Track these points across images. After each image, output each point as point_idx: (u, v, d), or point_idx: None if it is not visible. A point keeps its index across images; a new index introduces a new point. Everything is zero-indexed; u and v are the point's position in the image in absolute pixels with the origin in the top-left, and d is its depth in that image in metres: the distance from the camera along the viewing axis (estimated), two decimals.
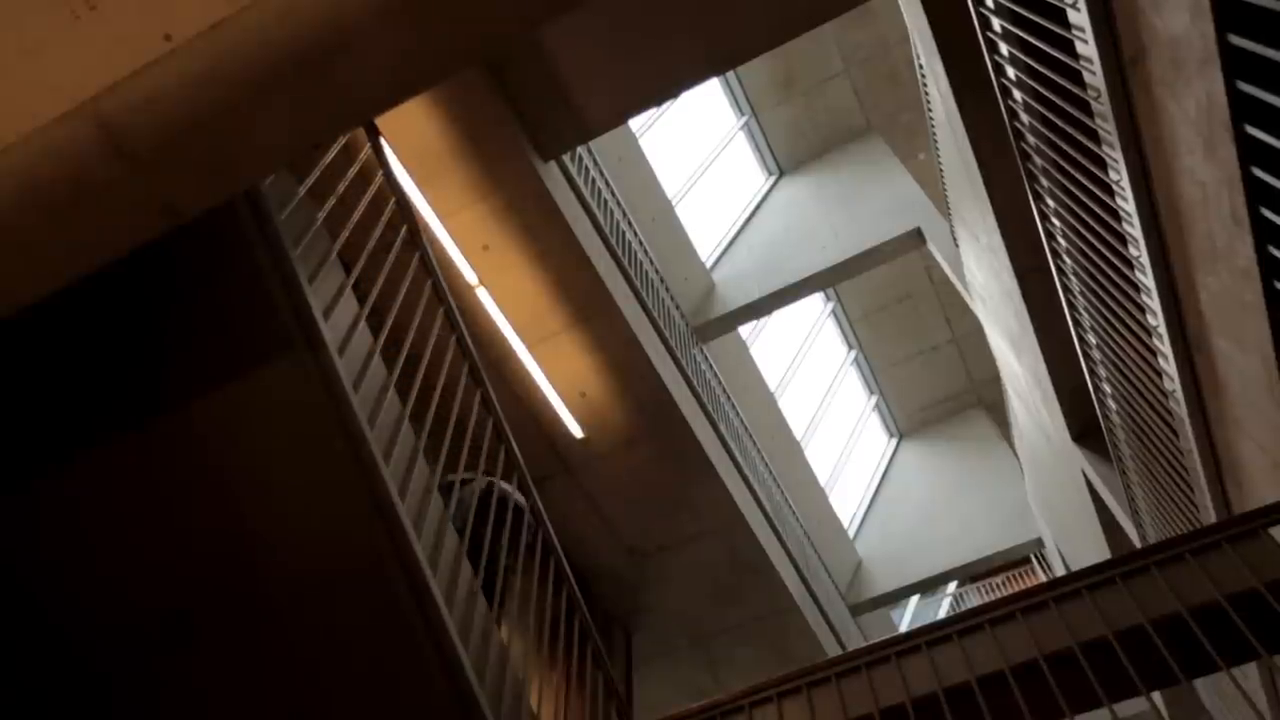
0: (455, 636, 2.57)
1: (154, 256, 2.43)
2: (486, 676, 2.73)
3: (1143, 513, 5.22)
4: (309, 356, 2.46)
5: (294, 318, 2.48)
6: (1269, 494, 2.99)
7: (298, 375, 2.44)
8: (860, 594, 11.47)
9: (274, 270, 2.47)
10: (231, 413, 2.45)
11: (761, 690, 3.31)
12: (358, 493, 2.49)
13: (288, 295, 2.49)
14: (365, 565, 2.48)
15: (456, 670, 2.55)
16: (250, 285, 2.42)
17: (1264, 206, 2.24)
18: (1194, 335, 3.04)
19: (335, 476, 2.48)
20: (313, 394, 2.45)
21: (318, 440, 2.46)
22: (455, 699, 2.54)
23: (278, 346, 2.42)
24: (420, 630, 2.53)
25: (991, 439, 12.78)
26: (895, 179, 9.92)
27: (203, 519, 2.50)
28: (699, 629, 8.18)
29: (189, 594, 2.53)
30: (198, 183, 2.01)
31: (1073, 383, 5.77)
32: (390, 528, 2.51)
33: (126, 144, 1.87)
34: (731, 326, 9.68)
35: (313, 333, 2.48)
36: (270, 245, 2.49)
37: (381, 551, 2.48)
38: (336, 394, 2.47)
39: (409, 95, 1.95)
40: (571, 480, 6.96)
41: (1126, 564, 3.03)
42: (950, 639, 3.08)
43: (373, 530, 2.51)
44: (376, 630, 2.50)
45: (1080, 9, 2.66)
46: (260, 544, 2.51)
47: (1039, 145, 3.78)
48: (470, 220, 5.58)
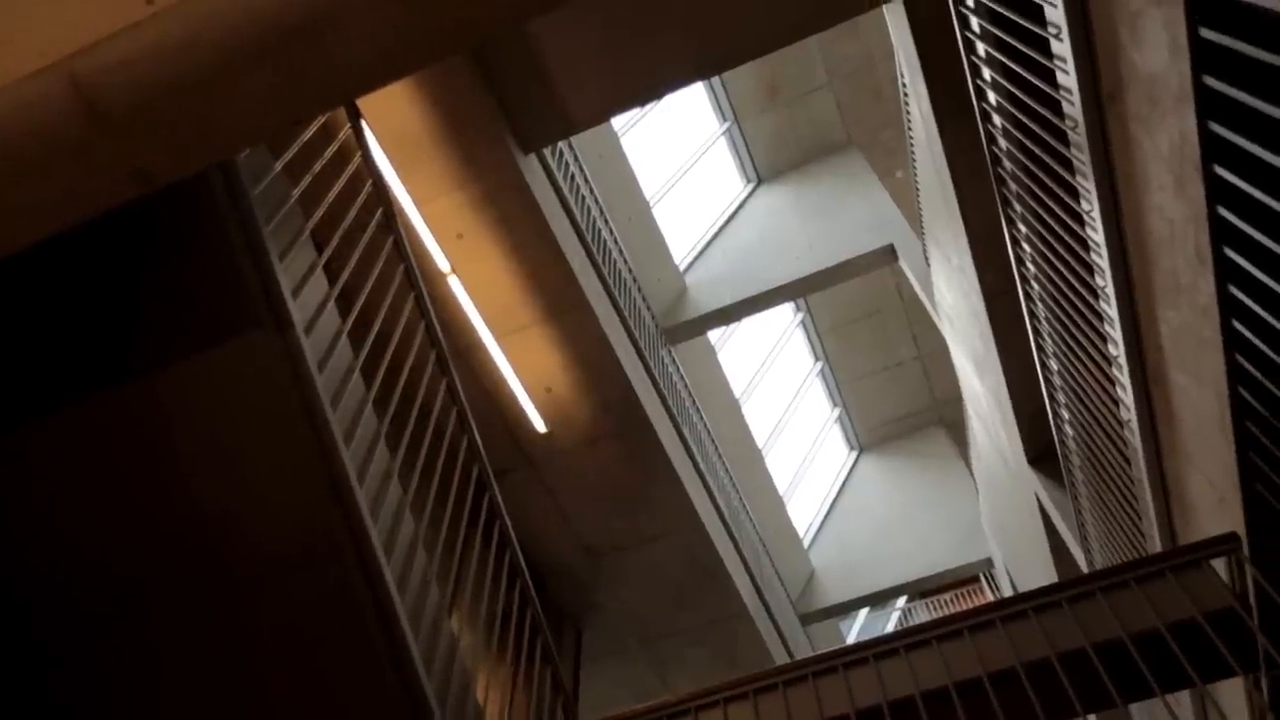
0: (406, 624, 2.55)
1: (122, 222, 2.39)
2: (435, 666, 2.72)
3: (1091, 538, 5.31)
4: (275, 334, 2.43)
5: (262, 294, 2.45)
6: (1213, 527, 3.06)
7: (263, 352, 2.41)
8: (811, 604, 11.56)
9: (245, 245, 2.44)
10: (193, 385, 2.42)
11: (709, 695, 3.33)
12: (316, 474, 2.46)
13: (257, 271, 2.45)
14: (320, 547, 2.46)
15: (405, 659, 2.53)
16: (219, 259, 2.38)
17: (1228, 246, 2.29)
18: (1153, 367, 3.11)
19: (294, 457, 2.45)
20: (277, 372, 2.42)
21: (279, 419, 2.43)
22: (402, 687, 2.53)
23: (244, 322, 2.39)
24: (371, 616, 2.51)
25: (949, 457, 12.94)
26: (872, 195, 10.02)
27: (157, 491, 2.46)
28: (649, 630, 8.20)
29: (142, 565, 2.48)
30: (172, 150, 1.98)
31: (1032, 407, 5.86)
32: (347, 511, 2.49)
33: (100, 105, 1.84)
34: (701, 330, 9.71)
35: (280, 311, 2.45)
36: (242, 219, 2.45)
37: (337, 534, 2.46)
38: (301, 374, 2.45)
39: (396, 76, 1.94)
40: (532, 475, 6.94)
41: (1073, 588, 3.09)
42: (898, 653, 3.12)
43: (329, 513, 2.48)
44: (327, 613, 2.48)
45: (1063, 40, 2.70)
46: (215, 519, 2.47)
47: (1015, 171, 3.84)
48: (446, 207, 5.54)
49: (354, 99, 2.71)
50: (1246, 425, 2.58)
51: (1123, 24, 2.43)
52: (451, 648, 2.93)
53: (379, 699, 2.52)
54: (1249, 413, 2.54)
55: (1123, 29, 2.44)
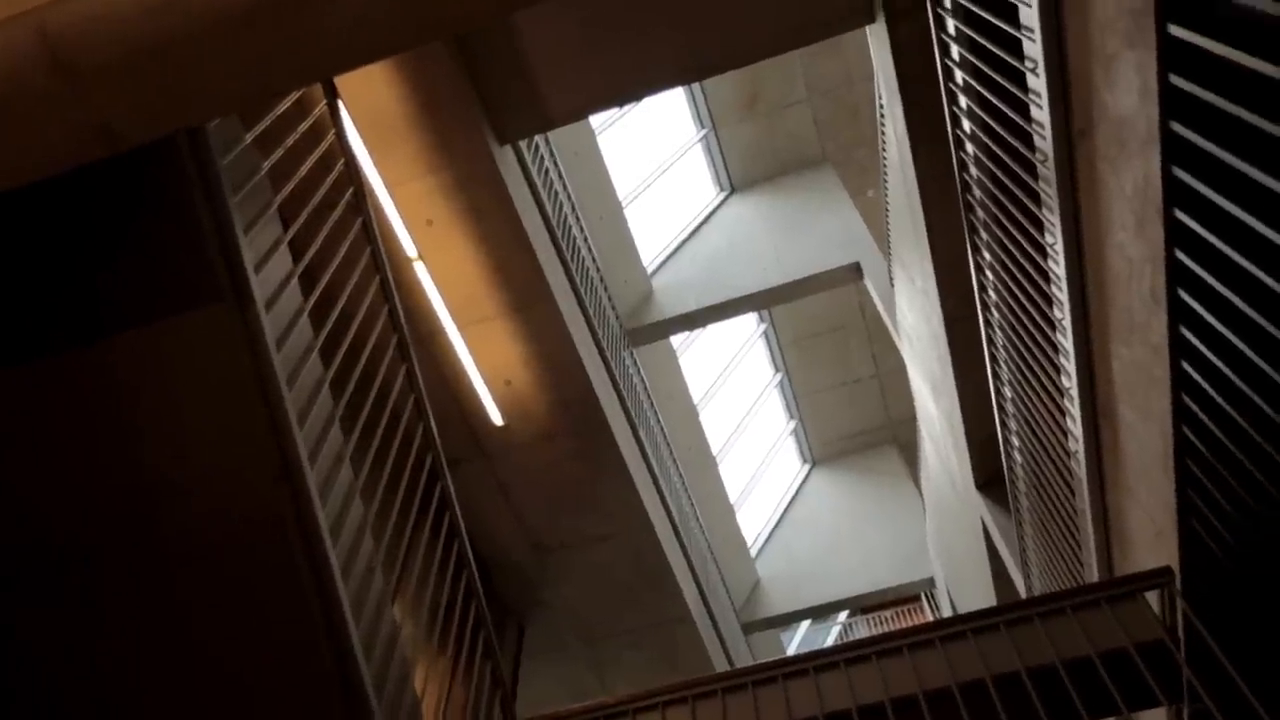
0: (348, 609, 2.52)
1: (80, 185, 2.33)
2: (374, 653, 2.69)
3: (1032, 565, 5.42)
4: (235, 308, 2.38)
5: (224, 267, 2.40)
6: (1149, 560, 3.14)
7: (221, 326, 2.36)
8: (754, 613, 11.64)
9: (209, 215, 2.39)
10: (148, 354, 2.37)
11: (647, 697, 3.34)
12: (267, 452, 2.42)
13: (220, 243, 2.41)
14: (265, 526, 2.42)
15: (344, 644, 2.50)
16: (182, 228, 2.33)
17: (1182, 288, 2.36)
18: (1102, 401, 3.18)
19: (246, 433, 2.41)
20: (234, 347, 2.38)
21: (233, 394, 2.39)
22: (339, 672, 2.50)
23: (204, 294, 2.34)
24: (312, 598, 2.48)
25: (899, 477, 13.11)
26: (842, 212, 10.12)
27: (105, 459, 2.41)
28: (592, 630, 8.19)
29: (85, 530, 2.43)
30: (141, 111, 1.94)
31: (984, 432, 5.97)
32: (295, 491, 2.45)
33: (67, 57, 1.80)
34: (665, 334, 9.73)
35: (242, 285, 2.41)
36: (208, 189, 2.40)
37: (284, 515, 2.42)
38: (258, 350, 2.41)
39: (380, 56, 1.91)
40: (485, 467, 6.90)
41: (1012, 612, 3.15)
42: (838, 666, 3.16)
43: (277, 491, 2.44)
44: (269, 592, 2.44)
45: (1039, 75, 2.76)
46: (161, 490, 2.42)
47: (983, 199, 3.91)
48: (417, 192, 5.49)
49: (334, 75, 2.68)
50: (1187, 463, 2.66)
51: (1097, 65, 2.48)
52: (392, 636, 2.90)
53: (315, 682, 2.49)
54: (1191, 452, 2.61)
55: (1097, 69, 2.49)
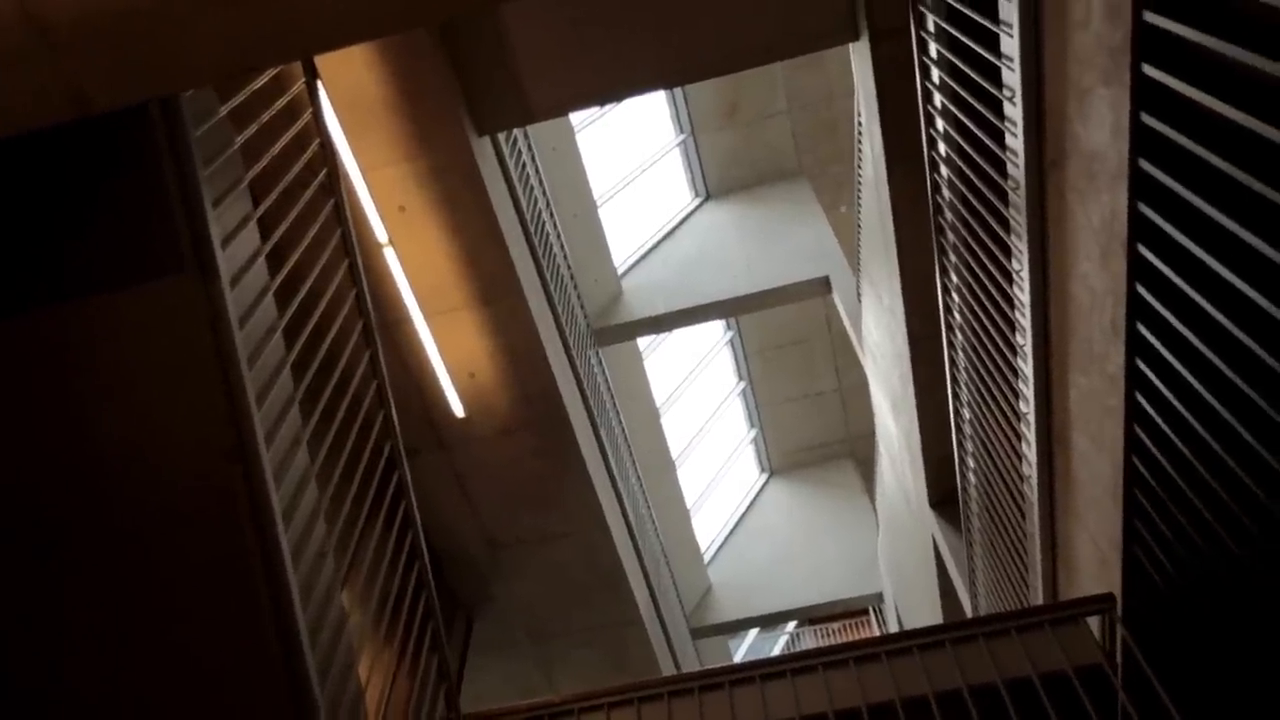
0: (295, 594, 2.49)
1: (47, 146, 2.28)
2: (320, 640, 2.66)
3: (979, 584, 5.50)
4: (198, 282, 2.34)
5: (190, 240, 2.36)
6: (1093, 586, 3.21)
7: (183, 299, 2.32)
8: (704, 618, 11.68)
9: (177, 186, 2.35)
10: (104, 323, 2.32)
11: (594, 697, 3.34)
12: (222, 431, 2.38)
13: (188, 215, 2.37)
14: (217, 506, 2.38)
15: (290, 629, 2.47)
16: (149, 198, 2.29)
17: (1140, 322, 2.41)
18: (1058, 428, 3.24)
19: (202, 411, 2.37)
20: (195, 322, 2.34)
21: (191, 370, 2.35)
22: (284, 656, 2.46)
23: (167, 266, 2.30)
24: (261, 581, 2.44)
25: (855, 491, 13.24)
26: (814, 225, 10.21)
27: (52, 429, 2.35)
28: (541, 628, 8.17)
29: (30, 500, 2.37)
30: (114, 76, 1.90)
31: (940, 451, 6.05)
32: (249, 472, 2.42)
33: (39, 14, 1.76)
34: (632, 335, 9.74)
35: (207, 259, 2.37)
36: (178, 160, 2.36)
37: (236, 495, 2.38)
38: (220, 327, 2.37)
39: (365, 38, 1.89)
40: (443, 458, 6.85)
41: (957, 630, 3.20)
42: (784, 675, 3.19)
43: (230, 473, 2.41)
44: (217, 573, 2.40)
45: (1017, 104, 2.80)
46: (110, 463, 2.37)
47: (954, 222, 3.96)
48: (391, 178, 5.44)
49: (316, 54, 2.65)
50: (1135, 494, 2.71)
51: (1073, 98, 2.53)
52: (340, 623, 2.87)
53: (259, 665, 2.45)
54: (1139, 482, 2.67)
55: (1072, 103, 2.54)
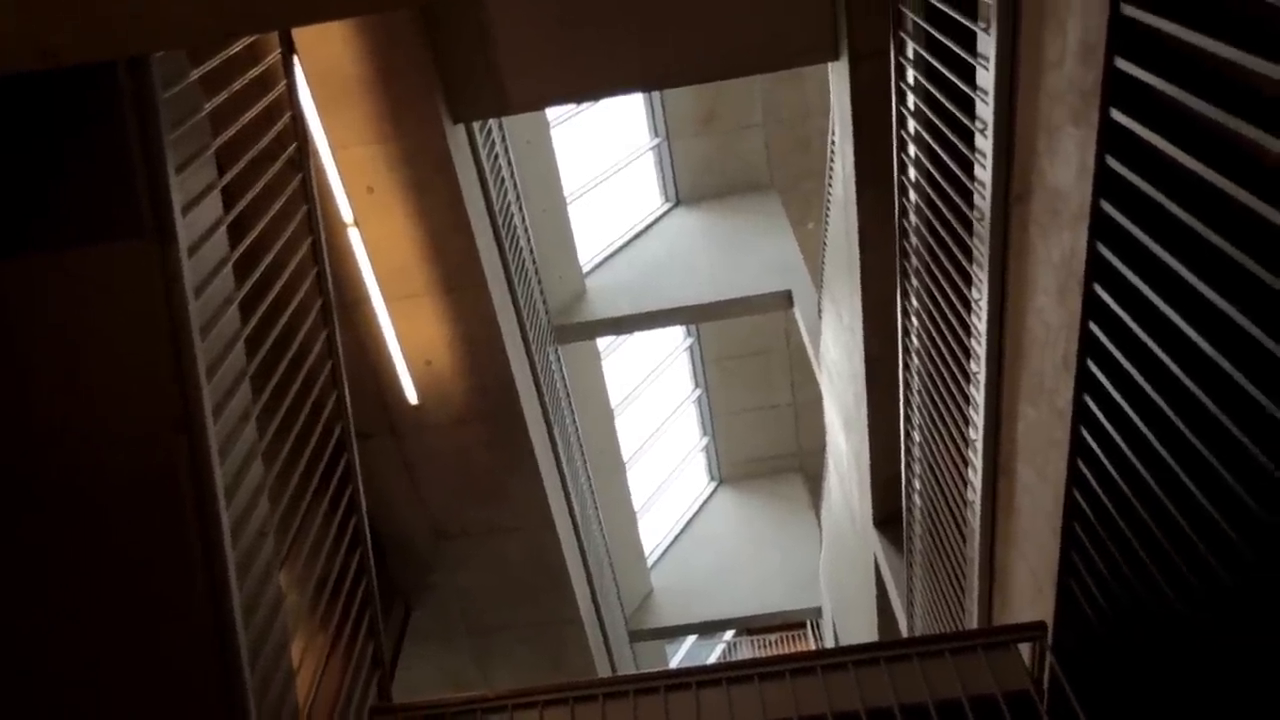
0: (232, 571, 2.45)
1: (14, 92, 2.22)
2: (255, 620, 2.62)
3: (916, 605, 5.58)
4: (156, 247, 2.29)
5: (150, 204, 2.31)
6: (1027, 614, 3.27)
7: (138, 264, 2.27)
8: (643, 622, 11.70)
9: (141, 149, 2.30)
10: (54, 282, 2.26)
11: (528, 695, 3.33)
12: (169, 401, 2.33)
13: (150, 178, 2.31)
14: (157, 476, 2.33)
15: (225, 606, 2.43)
16: (111, 157, 2.24)
17: (1091, 359, 2.47)
18: (1004, 458, 3.30)
19: (149, 379, 2.32)
20: (149, 287, 2.29)
21: (141, 336, 2.30)
22: (216, 633, 2.42)
23: (125, 228, 2.25)
24: (197, 556, 2.40)
25: (801, 505, 13.36)
26: (781, 240, 10.29)
27: None
28: (480, 621, 8.12)
29: None
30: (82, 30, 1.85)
31: (888, 472, 6.13)
32: (194, 445, 2.37)
33: None
34: (592, 335, 9.73)
35: (167, 224, 2.32)
36: (143, 121, 2.31)
37: (178, 467, 2.34)
38: (175, 294, 2.32)
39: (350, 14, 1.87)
40: (393, 444, 6.78)
41: (893, 649, 3.24)
42: (720, 684, 3.20)
43: (174, 443, 2.36)
44: (153, 546, 2.35)
45: (988, 136, 2.85)
46: (50, 426, 2.31)
47: (919, 246, 4.02)
48: (361, 158, 5.38)
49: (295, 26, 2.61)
50: (1074, 527, 2.78)
51: (1042, 135, 2.58)
52: (276, 603, 2.82)
53: (190, 640, 2.40)
54: (1079, 515, 2.73)
55: (1041, 139, 2.59)
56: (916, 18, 3.57)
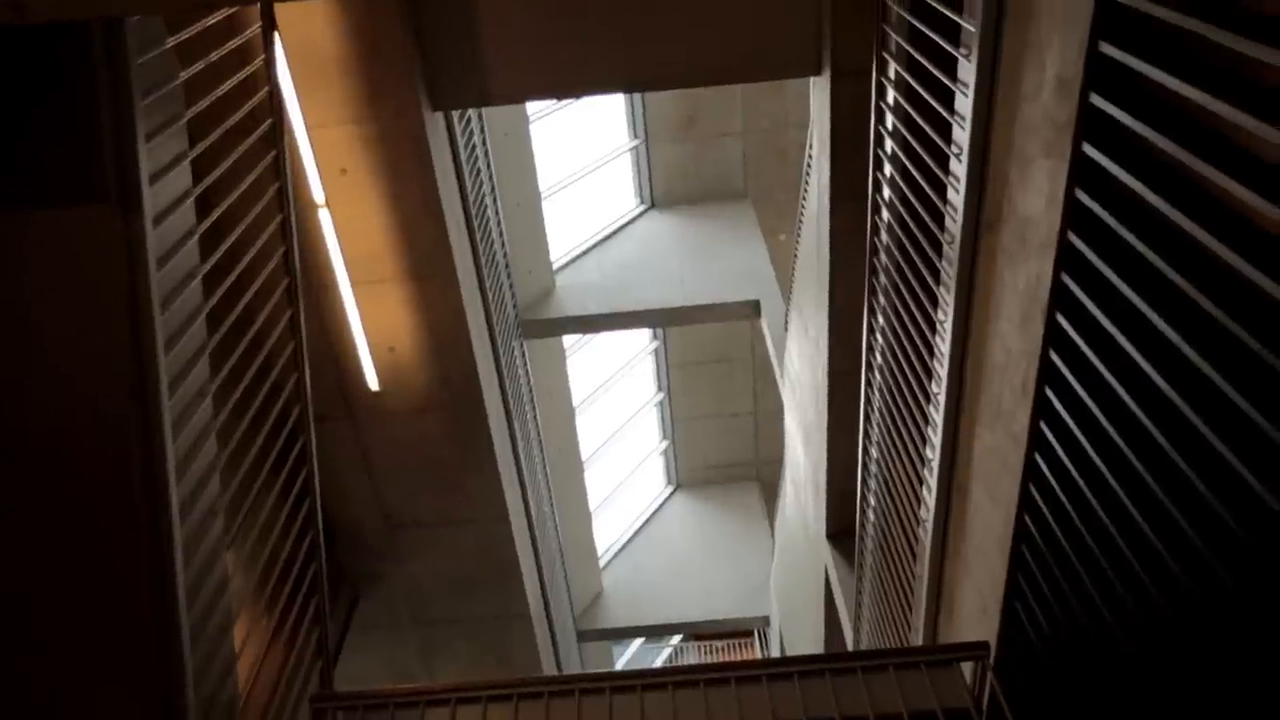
0: (178, 550, 2.41)
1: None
2: (198, 600, 2.57)
3: (864, 619, 5.63)
4: (119, 215, 2.25)
5: (117, 170, 2.27)
6: (972, 633, 3.32)
7: (101, 230, 2.22)
8: (592, 621, 11.68)
9: (111, 114, 2.25)
10: (13, 242, 2.21)
11: (472, 689, 3.31)
12: (124, 373, 2.29)
13: (117, 145, 2.27)
14: (108, 449, 2.28)
15: (168, 585, 2.39)
16: (80, 121, 2.19)
17: (1049, 386, 2.51)
18: (959, 478, 3.34)
19: (105, 350, 2.27)
20: (111, 255, 2.25)
21: (100, 305, 2.25)
22: (158, 614, 2.38)
23: (89, 193, 2.20)
24: (143, 532, 2.35)
25: (756, 514, 13.43)
26: (752, 249, 10.34)
27: None
28: (427, 613, 8.05)
29: None
30: None
31: (844, 486, 6.18)
32: (147, 419, 2.33)
33: None
34: (559, 332, 9.71)
35: (132, 192, 2.28)
36: (115, 86, 2.27)
37: (130, 441, 2.29)
38: (137, 264, 2.28)
39: None
40: (350, 429, 6.71)
41: (838, 661, 3.27)
42: (665, 688, 3.20)
43: (127, 416, 2.31)
44: (100, 519, 2.30)
45: (963, 162, 2.89)
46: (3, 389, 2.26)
47: (888, 265, 4.06)
48: (336, 138, 5.31)
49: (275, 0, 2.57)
50: (1022, 549, 2.82)
51: (1015, 164, 2.62)
52: (221, 584, 2.78)
53: (131, 621, 2.36)
54: (1026, 538, 2.77)
55: (1014, 168, 2.64)
56: (900, 39, 3.61)
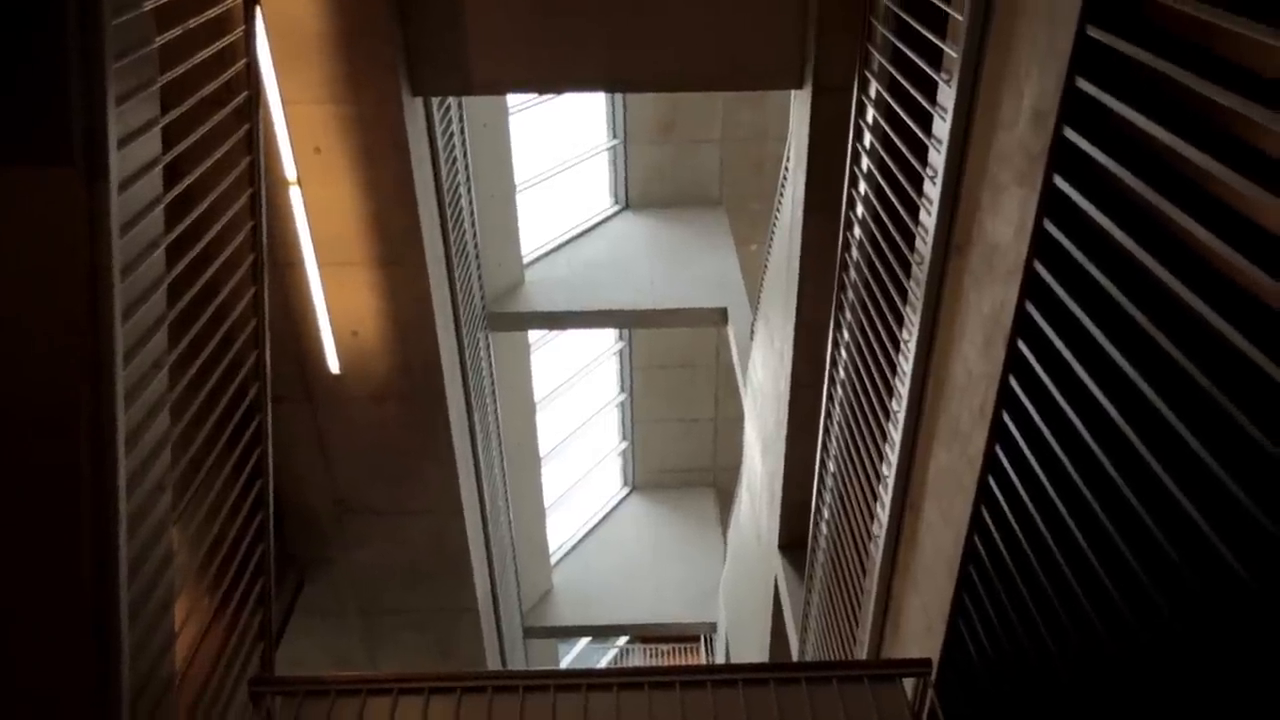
0: (123, 524, 2.35)
1: None
2: (140, 575, 2.52)
3: (810, 631, 5.68)
4: (84, 179, 2.20)
5: (83, 132, 2.22)
6: (915, 650, 3.36)
7: (62, 193, 2.17)
8: (540, 619, 11.65)
9: (82, 76, 2.20)
10: None
11: (416, 680, 3.28)
12: (79, 339, 2.24)
13: (86, 106, 2.22)
14: (57, 417, 2.23)
15: (110, 559, 2.33)
16: (49, 81, 2.14)
17: (1007, 411, 2.55)
18: (913, 496, 3.38)
19: (61, 313, 2.22)
20: (72, 219, 2.19)
21: (56, 269, 2.20)
22: (97, 587, 2.32)
23: (52, 154, 2.15)
24: (88, 504, 2.30)
25: (710, 521, 13.48)
26: (723, 257, 10.39)
27: None
28: (373, 602, 7.97)
29: None
30: None
31: (799, 498, 6.22)
32: (100, 387, 2.28)
33: None
34: (525, 326, 9.67)
35: (98, 156, 2.23)
36: (87, 47, 2.21)
37: (80, 411, 2.24)
38: (99, 230, 2.22)
39: None
40: (307, 410, 6.62)
41: (783, 671, 3.29)
42: (610, 689, 3.21)
43: (80, 384, 2.26)
44: (44, 487, 2.25)
45: (937, 184, 2.93)
46: None
47: (857, 282, 4.10)
48: (313, 116, 5.25)
49: None
50: (969, 569, 2.86)
51: (987, 190, 2.66)
52: (165, 561, 2.72)
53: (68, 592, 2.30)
54: (975, 559, 2.81)
55: (986, 194, 2.67)
56: (883, 59, 3.65)
